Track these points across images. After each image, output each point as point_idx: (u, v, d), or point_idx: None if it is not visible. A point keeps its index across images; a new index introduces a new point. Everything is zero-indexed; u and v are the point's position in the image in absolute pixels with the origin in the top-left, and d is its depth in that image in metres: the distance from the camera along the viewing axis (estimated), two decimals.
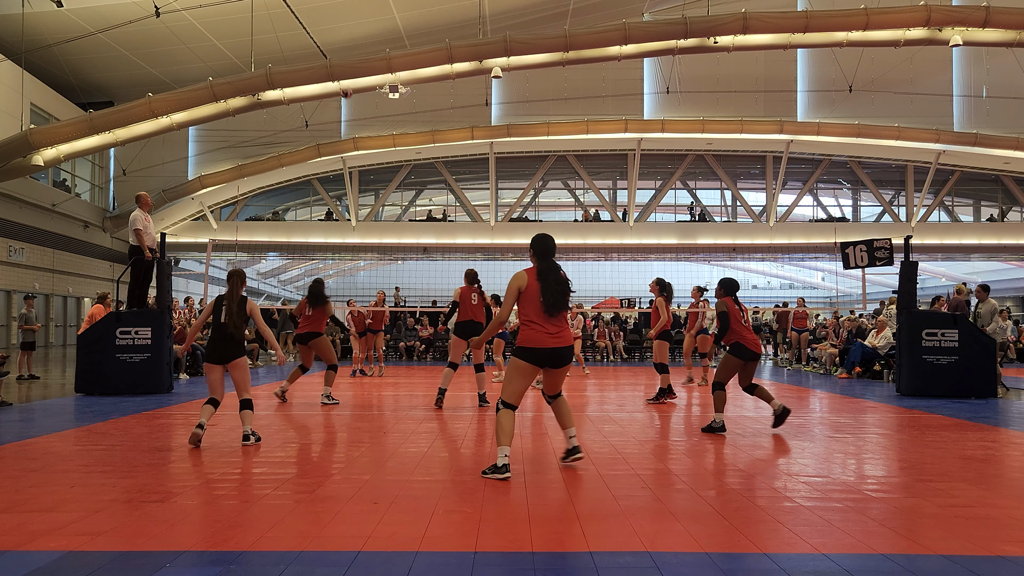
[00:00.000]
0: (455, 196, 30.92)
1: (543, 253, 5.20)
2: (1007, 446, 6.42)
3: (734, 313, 7.10)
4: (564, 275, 5.18)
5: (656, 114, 28.23)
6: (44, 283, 25.03)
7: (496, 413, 5.10)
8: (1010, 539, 3.65)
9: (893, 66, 25.64)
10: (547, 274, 5.10)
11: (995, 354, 10.58)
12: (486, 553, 3.36)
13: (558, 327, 5.07)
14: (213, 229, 29.34)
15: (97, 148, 22.07)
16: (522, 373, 5.09)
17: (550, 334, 5.03)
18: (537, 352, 5.03)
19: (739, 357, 7.07)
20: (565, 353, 5.08)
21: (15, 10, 19.93)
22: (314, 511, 4.06)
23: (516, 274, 5.18)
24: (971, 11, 19.22)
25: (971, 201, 32.10)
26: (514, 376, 5.11)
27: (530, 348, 5.04)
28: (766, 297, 47.80)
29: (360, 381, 13.04)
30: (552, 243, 5.27)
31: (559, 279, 5.11)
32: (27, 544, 3.45)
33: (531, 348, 5.04)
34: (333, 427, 7.44)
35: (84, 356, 10.30)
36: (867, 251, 11.14)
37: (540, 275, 5.10)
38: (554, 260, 5.23)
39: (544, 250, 5.21)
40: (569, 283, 5.18)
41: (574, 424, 5.41)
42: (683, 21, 19.74)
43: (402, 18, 23.73)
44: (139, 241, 10.53)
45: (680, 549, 3.47)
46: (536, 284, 5.07)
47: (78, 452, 5.82)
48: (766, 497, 4.44)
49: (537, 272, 5.14)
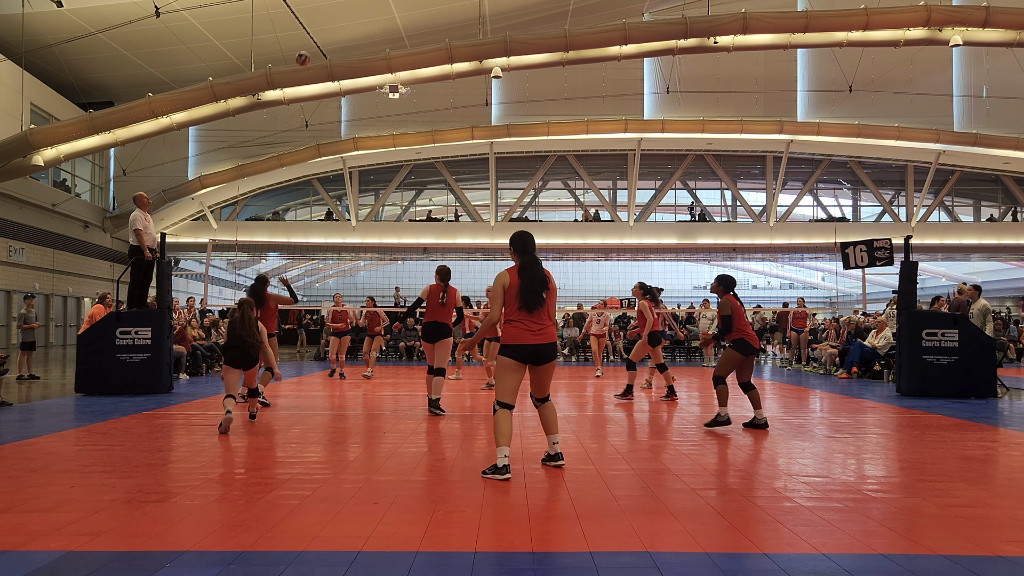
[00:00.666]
0: (455, 196, 30.93)
1: (522, 249, 5.21)
2: (1007, 446, 6.42)
3: (738, 312, 7.12)
4: (544, 272, 5.18)
5: (656, 114, 28.24)
6: (44, 283, 25.03)
7: (493, 414, 5.11)
8: (1010, 539, 3.65)
9: (893, 66, 25.64)
10: (524, 271, 5.12)
11: (995, 354, 10.58)
12: (486, 553, 3.36)
13: (540, 324, 5.08)
14: (213, 229, 29.35)
15: (97, 148, 22.07)
16: (508, 370, 5.09)
17: (532, 331, 5.05)
18: (519, 349, 5.05)
19: (741, 352, 7.11)
20: (546, 350, 5.09)
21: (15, 10, 19.93)
22: (314, 511, 4.06)
23: (500, 273, 5.22)
24: (971, 11, 19.22)
25: (971, 201, 32.11)
26: (502, 375, 5.12)
27: (512, 345, 5.06)
28: (766, 297, 47.78)
29: (347, 384, 13.00)
30: (530, 239, 5.27)
31: (536, 276, 5.11)
32: (27, 544, 3.45)
33: (513, 345, 5.06)
34: (333, 428, 7.44)
35: (84, 356, 10.30)
36: (867, 251, 11.13)
37: (520, 271, 5.13)
38: (535, 256, 5.23)
39: (523, 247, 5.22)
40: (548, 280, 5.16)
41: (558, 431, 5.42)
42: (683, 21, 19.75)
43: (402, 18, 23.74)
44: (139, 241, 10.53)
45: (680, 549, 3.47)
46: (517, 281, 5.10)
47: (78, 452, 5.82)
48: (766, 497, 4.44)
49: (519, 269, 5.16)
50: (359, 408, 9.03)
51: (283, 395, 10.34)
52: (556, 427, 5.35)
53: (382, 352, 20.75)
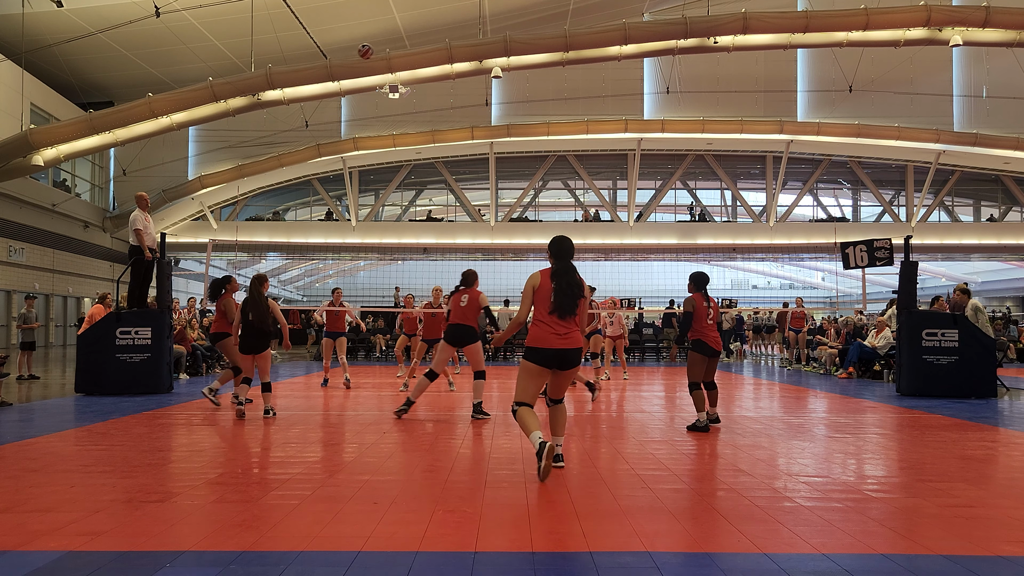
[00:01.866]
0: (455, 196, 30.93)
1: (559, 254, 5.19)
2: (1007, 446, 6.42)
3: (699, 312, 7.09)
4: (579, 278, 5.15)
5: (656, 114, 28.24)
6: (44, 283, 25.04)
7: (513, 416, 5.08)
8: (1010, 539, 3.65)
9: (893, 66, 25.64)
10: (561, 276, 5.08)
11: (995, 354, 10.58)
12: (486, 553, 3.36)
13: (567, 328, 5.02)
14: (213, 229, 29.35)
15: (97, 148, 22.08)
16: (530, 374, 5.05)
17: (559, 335, 4.99)
18: (544, 352, 4.99)
19: (700, 352, 7.12)
20: (572, 355, 5.03)
21: (15, 10, 19.94)
22: (314, 511, 4.06)
23: (532, 274, 5.18)
24: (971, 11, 19.22)
25: (971, 201, 32.11)
26: (522, 378, 5.08)
27: (537, 348, 5.01)
28: (766, 297, 47.79)
29: (353, 384, 12.97)
30: (569, 244, 5.25)
31: (572, 282, 5.07)
32: (27, 544, 3.44)
33: (538, 348, 5.00)
34: (332, 428, 7.45)
35: (84, 356, 10.30)
36: (867, 251, 11.13)
37: (554, 276, 5.08)
38: (570, 262, 5.20)
39: (560, 251, 5.20)
40: (582, 287, 5.13)
41: (564, 434, 5.39)
42: (683, 21, 19.75)
43: (402, 18, 23.74)
44: (139, 241, 10.53)
45: (680, 549, 3.47)
46: (549, 285, 5.06)
47: (78, 452, 5.82)
48: (766, 497, 4.44)
49: (552, 273, 5.12)
50: (358, 408, 9.03)
51: (285, 396, 10.34)
52: (563, 429, 5.31)
53: (382, 352, 20.76)
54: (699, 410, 7.10)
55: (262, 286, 8.08)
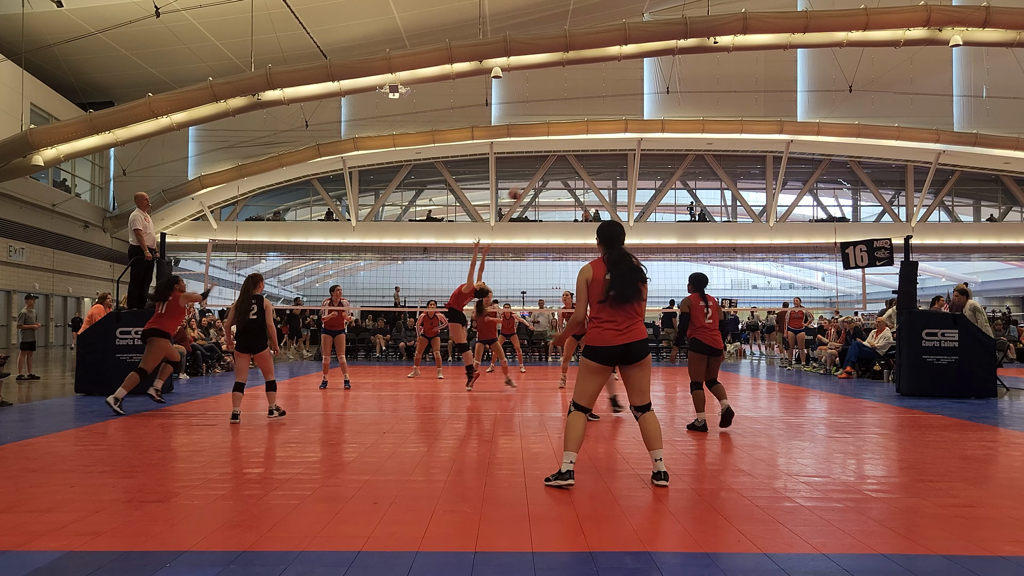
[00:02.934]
0: (455, 196, 30.93)
1: (608, 242, 4.82)
2: (1007, 446, 6.42)
3: (695, 313, 7.09)
4: (638, 262, 4.78)
5: (656, 114, 28.23)
6: (44, 283, 25.04)
7: (567, 415, 4.81)
8: (1010, 539, 3.65)
9: (893, 66, 25.63)
10: (617, 263, 4.71)
11: (995, 354, 10.58)
12: (486, 553, 3.36)
13: (629, 320, 4.67)
14: (213, 229, 29.34)
15: (97, 148, 22.07)
16: (590, 372, 4.75)
17: (619, 331, 4.65)
18: (603, 351, 4.68)
19: (698, 352, 7.12)
20: (637, 348, 4.68)
21: (15, 10, 19.94)
22: (314, 511, 4.06)
23: (583, 268, 4.80)
24: (971, 11, 19.22)
25: (971, 201, 32.10)
26: (582, 377, 4.79)
27: (597, 347, 4.69)
28: (766, 297, 47.77)
29: (353, 384, 12.96)
30: (619, 230, 4.88)
31: (631, 266, 4.71)
32: (27, 544, 3.45)
33: (598, 347, 4.69)
34: (332, 428, 7.45)
35: (84, 356, 10.30)
36: (867, 251, 11.13)
37: (612, 264, 4.71)
38: (623, 249, 4.82)
39: (609, 239, 4.83)
40: (643, 271, 4.79)
41: (662, 446, 4.85)
42: (683, 21, 19.74)
43: (402, 18, 23.73)
44: (139, 241, 10.53)
45: (680, 549, 3.47)
46: (601, 276, 4.70)
47: (78, 452, 5.82)
48: (766, 497, 4.44)
49: (609, 261, 4.73)
50: (359, 408, 9.03)
51: (283, 396, 10.34)
52: (660, 441, 4.77)
53: (382, 352, 20.77)
54: (699, 410, 7.12)
55: (255, 287, 7.82)
